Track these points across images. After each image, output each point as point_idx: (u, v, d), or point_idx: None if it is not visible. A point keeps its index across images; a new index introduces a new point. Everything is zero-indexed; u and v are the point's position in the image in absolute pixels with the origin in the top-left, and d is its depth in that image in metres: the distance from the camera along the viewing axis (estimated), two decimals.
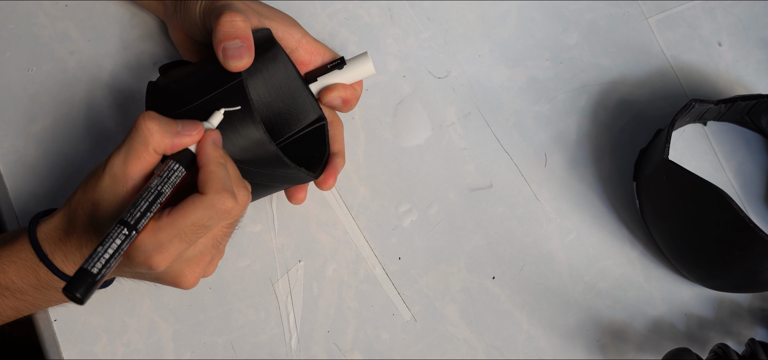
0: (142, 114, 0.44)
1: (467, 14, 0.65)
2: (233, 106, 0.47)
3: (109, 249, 0.40)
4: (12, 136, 0.57)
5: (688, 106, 0.57)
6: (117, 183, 0.44)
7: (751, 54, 0.66)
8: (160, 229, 0.42)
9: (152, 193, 0.42)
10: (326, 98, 0.55)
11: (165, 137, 0.44)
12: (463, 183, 0.61)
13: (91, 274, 0.39)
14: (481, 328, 0.57)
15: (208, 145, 0.45)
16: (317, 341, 0.56)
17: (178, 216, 0.42)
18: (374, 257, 0.58)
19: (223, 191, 0.42)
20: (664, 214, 0.57)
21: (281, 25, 0.53)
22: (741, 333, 0.59)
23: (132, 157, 0.44)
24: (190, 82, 0.49)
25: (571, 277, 0.59)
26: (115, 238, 0.40)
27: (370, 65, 0.55)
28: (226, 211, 0.43)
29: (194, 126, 0.45)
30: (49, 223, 0.46)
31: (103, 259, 0.39)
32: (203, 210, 0.42)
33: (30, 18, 0.60)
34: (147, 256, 0.42)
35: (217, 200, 0.42)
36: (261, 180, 0.49)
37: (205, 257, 0.46)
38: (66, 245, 0.46)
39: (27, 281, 0.47)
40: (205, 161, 0.44)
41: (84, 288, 0.38)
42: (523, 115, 0.63)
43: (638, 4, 0.67)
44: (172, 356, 0.54)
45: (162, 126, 0.44)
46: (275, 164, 0.48)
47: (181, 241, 0.43)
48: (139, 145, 0.43)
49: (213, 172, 0.43)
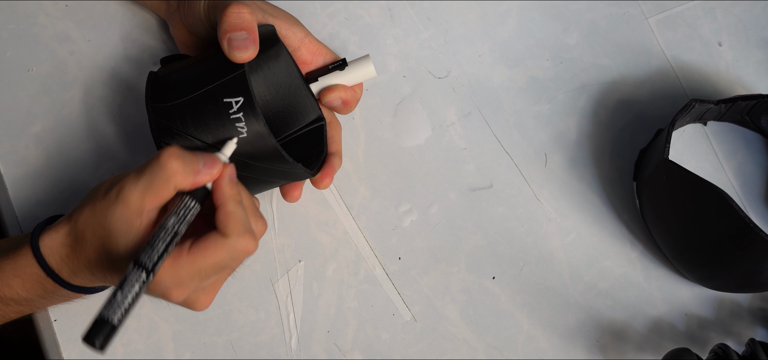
0: (166, 150, 0.42)
1: (467, 14, 0.65)
2: (234, 97, 0.47)
3: (128, 296, 0.39)
4: (12, 136, 0.57)
5: (688, 106, 0.57)
6: (131, 215, 0.42)
7: (751, 54, 0.66)
8: (181, 267, 0.42)
9: (169, 233, 0.42)
10: (326, 99, 0.55)
11: (188, 177, 0.43)
12: (464, 183, 0.61)
13: (110, 323, 0.38)
14: (481, 328, 0.57)
15: (225, 182, 0.44)
16: (317, 341, 0.56)
17: (199, 256, 0.42)
18: (374, 257, 0.58)
19: (244, 234, 0.42)
20: (664, 214, 0.57)
21: (284, 23, 0.53)
22: (741, 333, 0.59)
23: (151, 191, 0.42)
24: (192, 72, 0.49)
25: (572, 277, 0.59)
26: (133, 283, 0.40)
27: (371, 68, 0.55)
28: (246, 253, 0.43)
29: (214, 163, 0.44)
30: (53, 238, 0.45)
31: (123, 307, 0.39)
32: (225, 253, 0.42)
33: (30, 18, 0.60)
34: (166, 290, 0.42)
35: (238, 243, 0.42)
36: (258, 174, 0.49)
37: (220, 284, 0.46)
38: (73, 262, 0.45)
39: (33, 292, 0.47)
40: (223, 200, 0.43)
41: (103, 337, 0.38)
42: (524, 115, 0.63)
43: (638, 4, 0.67)
44: (172, 356, 0.54)
45: (185, 165, 0.43)
46: (274, 159, 0.48)
47: (200, 279, 0.43)
48: (161, 182, 0.42)
49: (232, 212, 0.43)
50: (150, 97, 0.48)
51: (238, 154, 0.47)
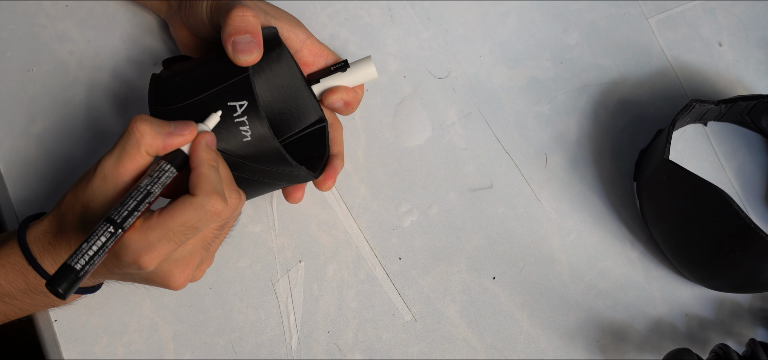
0: (134, 117, 0.44)
1: (467, 14, 0.65)
2: (238, 100, 0.47)
3: (93, 246, 0.40)
4: (12, 136, 0.57)
5: (688, 107, 0.57)
6: (107, 183, 0.44)
7: (751, 54, 0.66)
8: (150, 228, 0.42)
9: (141, 192, 0.42)
10: (328, 100, 0.55)
11: (156, 138, 0.44)
12: (464, 183, 0.61)
13: (74, 269, 0.39)
14: (481, 329, 0.57)
15: (201, 147, 0.45)
16: (318, 341, 0.56)
17: (167, 216, 0.42)
18: (375, 257, 0.58)
19: (213, 193, 0.43)
20: (664, 214, 0.57)
21: (286, 24, 0.53)
22: (741, 333, 0.59)
23: (124, 158, 0.44)
24: (195, 75, 0.49)
25: (572, 278, 0.59)
26: (100, 235, 0.40)
27: (372, 69, 0.55)
28: (215, 213, 0.43)
29: (186, 126, 0.45)
30: (38, 227, 0.46)
31: (87, 255, 0.39)
32: (193, 211, 0.42)
33: (30, 18, 0.60)
34: (136, 255, 0.42)
35: (206, 202, 0.42)
36: (261, 176, 0.49)
37: (195, 258, 0.46)
38: (55, 249, 0.46)
39: (15, 285, 0.47)
40: (197, 163, 0.44)
41: (67, 283, 0.39)
42: (524, 115, 0.63)
43: (639, 5, 0.67)
44: (173, 356, 0.54)
45: (154, 127, 0.44)
46: (277, 161, 0.48)
47: (170, 241, 0.43)
48: (131, 146, 0.44)
49: (204, 174, 0.43)
50: (153, 100, 0.48)
51: (241, 156, 0.47)
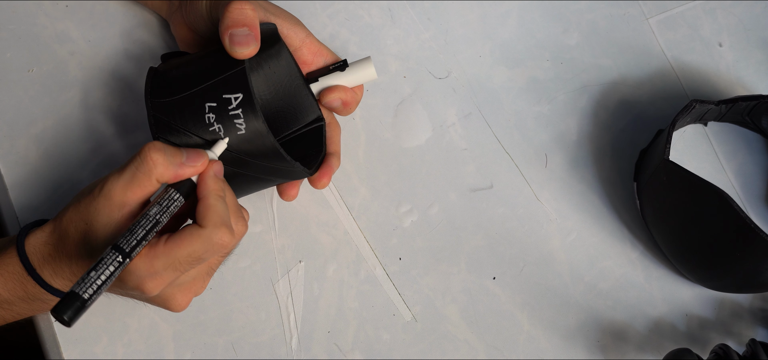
0: (148, 144, 0.43)
1: (467, 14, 0.65)
2: (234, 93, 0.47)
3: (102, 275, 0.40)
4: (12, 136, 0.57)
5: (688, 107, 0.57)
6: (112, 206, 0.43)
7: (751, 54, 0.66)
8: (156, 256, 0.42)
9: (151, 221, 0.42)
10: (326, 99, 0.55)
11: (169, 168, 0.44)
12: (464, 183, 0.61)
13: (81, 298, 0.39)
14: (481, 329, 0.57)
15: (210, 177, 0.44)
16: (318, 341, 0.56)
17: (174, 246, 0.42)
18: (375, 258, 0.58)
19: (221, 226, 0.43)
20: (664, 214, 0.57)
21: (286, 22, 0.53)
22: (742, 333, 0.59)
23: (133, 184, 0.43)
24: (192, 68, 0.49)
25: (572, 278, 0.59)
26: (108, 264, 0.40)
27: (372, 70, 0.54)
28: (222, 246, 0.43)
29: (198, 157, 0.45)
30: (38, 237, 0.46)
31: (95, 284, 0.39)
32: (200, 243, 0.42)
33: (30, 18, 0.60)
34: (140, 281, 0.42)
35: (214, 235, 0.42)
36: (256, 172, 0.49)
37: (197, 283, 0.46)
38: (55, 261, 0.46)
39: (14, 293, 0.46)
40: (205, 193, 0.44)
41: (72, 311, 0.38)
42: (524, 115, 0.63)
43: (639, 5, 0.67)
44: (173, 356, 0.54)
45: (166, 157, 0.43)
46: (272, 157, 0.48)
47: (175, 270, 0.43)
48: (142, 174, 0.43)
49: (212, 206, 0.43)
50: (149, 92, 0.48)
51: (236, 150, 0.47)
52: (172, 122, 0.47)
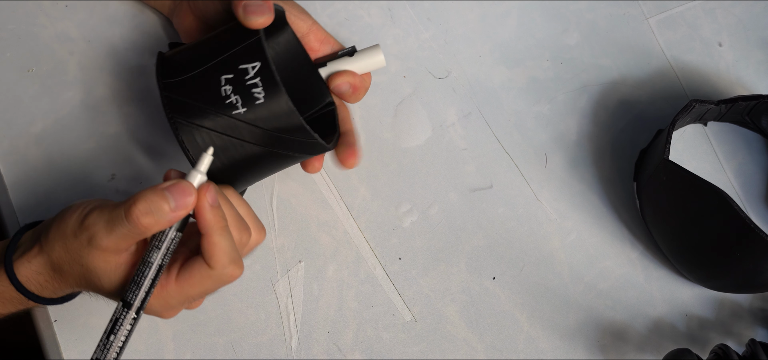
0: (134, 210, 0.41)
1: (467, 14, 0.65)
2: (251, 62, 0.46)
3: (121, 337, 0.42)
4: (12, 136, 0.57)
5: (688, 107, 0.57)
6: (108, 258, 0.43)
7: (751, 54, 0.66)
8: (169, 295, 0.43)
9: (154, 269, 0.43)
10: (335, 83, 0.54)
11: (161, 224, 0.42)
12: (464, 183, 0.61)
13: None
14: (481, 329, 0.57)
15: (206, 210, 0.42)
16: (317, 342, 0.56)
17: (185, 285, 0.43)
18: (374, 258, 0.58)
19: (229, 265, 0.43)
20: (664, 214, 0.57)
21: (293, 9, 0.53)
22: (741, 333, 0.59)
23: (128, 240, 0.42)
24: (203, 47, 0.48)
25: (572, 278, 0.59)
26: (125, 324, 0.42)
27: (381, 57, 0.54)
28: (231, 280, 0.44)
29: (184, 195, 0.42)
30: (28, 268, 0.45)
31: (116, 347, 0.42)
32: (211, 283, 0.43)
33: (30, 18, 0.60)
34: (158, 313, 0.45)
35: (223, 274, 0.43)
36: (275, 145, 0.47)
37: (206, 296, 0.47)
38: (54, 284, 0.46)
39: (13, 308, 0.47)
40: (206, 230, 0.42)
41: None
42: (524, 115, 0.63)
43: (639, 5, 0.67)
44: (173, 356, 0.54)
45: (155, 216, 0.41)
46: (291, 127, 0.46)
47: (188, 302, 0.45)
48: (135, 235, 0.42)
49: (216, 244, 0.42)
50: (160, 74, 0.47)
51: (254, 121, 0.45)
52: (186, 101, 0.46)
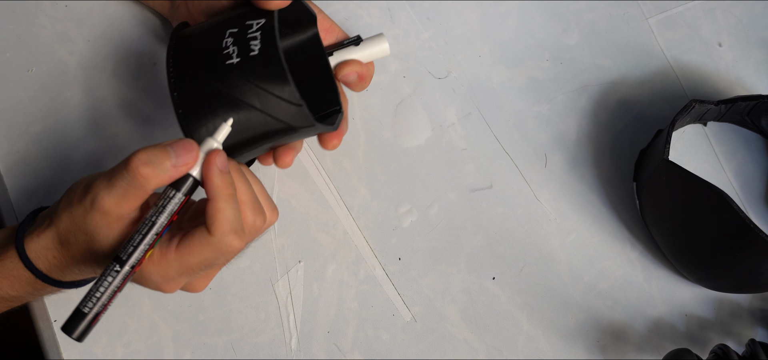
0: (133, 159, 0.41)
1: (467, 14, 0.65)
2: (256, 19, 0.47)
3: (107, 290, 0.41)
4: (12, 136, 0.57)
5: (688, 107, 0.57)
6: (111, 220, 0.42)
7: (751, 54, 0.66)
8: (169, 264, 0.42)
9: (147, 226, 0.42)
10: (342, 73, 0.54)
11: (161, 177, 0.41)
12: (463, 183, 0.61)
13: (88, 316, 0.40)
14: (481, 329, 0.57)
15: (214, 174, 0.42)
16: (317, 342, 0.56)
17: (185, 253, 0.42)
18: (374, 258, 0.58)
19: (229, 233, 0.42)
20: (664, 214, 0.57)
21: None
22: (741, 333, 0.59)
23: (128, 198, 0.42)
24: (217, 18, 0.49)
25: (572, 278, 0.59)
26: (111, 277, 0.41)
27: (385, 45, 0.54)
28: (231, 252, 0.43)
29: (187, 152, 0.42)
30: (38, 243, 0.45)
31: (100, 301, 0.40)
32: (210, 251, 0.42)
33: (30, 18, 0.60)
34: (158, 286, 0.44)
35: (222, 243, 0.42)
36: (264, 107, 0.46)
37: (211, 275, 0.47)
38: (62, 265, 0.46)
39: (23, 291, 0.47)
40: (212, 195, 0.42)
41: (82, 328, 0.39)
42: (523, 115, 0.63)
43: (638, 5, 0.67)
44: (172, 357, 0.54)
45: (156, 168, 0.41)
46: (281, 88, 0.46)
47: (188, 273, 0.43)
48: (135, 189, 0.41)
49: (220, 210, 0.41)
50: (176, 30, 0.49)
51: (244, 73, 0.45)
52: (188, 51, 0.47)
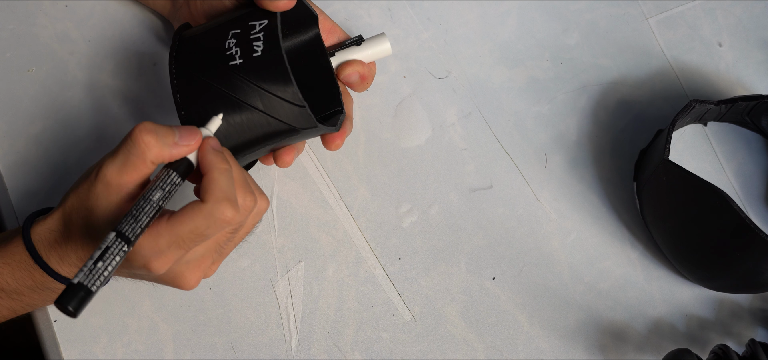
0: (138, 126, 0.43)
1: (467, 14, 0.65)
2: (259, 20, 0.47)
3: (101, 261, 0.39)
4: (12, 136, 0.57)
5: (688, 107, 0.57)
6: (111, 191, 0.43)
7: (751, 54, 0.66)
8: (159, 235, 0.42)
9: (146, 201, 0.41)
10: (344, 73, 0.54)
11: (163, 149, 0.43)
12: (464, 183, 0.61)
13: (83, 287, 0.38)
14: (481, 329, 0.57)
15: (209, 151, 0.44)
16: (317, 342, 0.56)
17: (176, 223, 0.42)
18: (374, 258, 0.58)
19: (223, 201, 0.42)
20: (664, 214, 0.57)
21: None
22: (741, 334, 0.59)
23: (128, 167, 0.43)
24: (222, 17, 0.49)
25: (572, 278, 0.59)
26: (112, 252, 0.39)
27: (387, 45, 0.55)
28: (225, 221, 0.42)
29: (191, 135, 0.44)
30: (43, 225, 0.46)
31: (97, 273, 0.39)
32: (201, 219, 0.42)
33: (30, 18, 0.60)
34: (146, 260, 0.42)
35: (215, 209, 0.41)
36: (266, 108, 0.47)
37: (206, 260, 0.46)
38: (62, 248, 0.45)
39: (22, 283, 0.47)
40: (207, 168, 0.43)
41: (77, 301, 0.38)
42: (524, 115, 0.63)
43: (638, 5, 0.67)
44: (172, 357, 0.54)
45: (159, 138, 0.42)
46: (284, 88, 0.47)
47: (179, 247, 0.42)
48: (136, 158, 0.42)
49: (215, 179, 0.42)
50: (178, 30, 0.49)
51: (247, 74, 0.46)
52: (191, 52, 0.47)
